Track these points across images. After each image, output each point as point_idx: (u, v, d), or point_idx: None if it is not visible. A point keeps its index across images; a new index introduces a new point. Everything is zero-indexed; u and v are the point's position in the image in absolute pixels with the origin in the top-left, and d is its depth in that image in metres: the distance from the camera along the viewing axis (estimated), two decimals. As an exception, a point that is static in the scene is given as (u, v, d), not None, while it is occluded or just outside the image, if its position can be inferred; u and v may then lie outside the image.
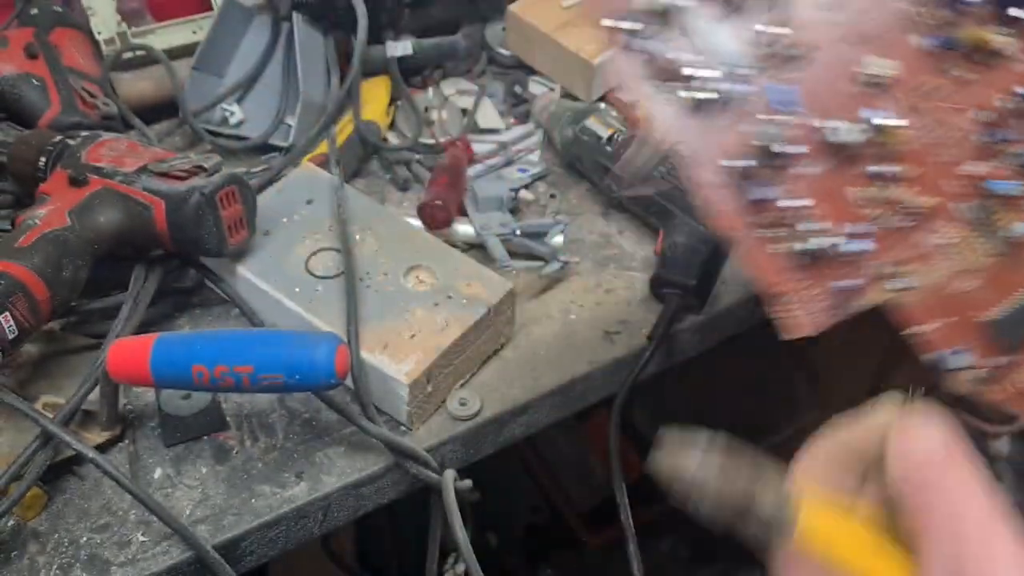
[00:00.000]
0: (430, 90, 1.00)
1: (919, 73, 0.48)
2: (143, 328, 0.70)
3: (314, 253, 0.74)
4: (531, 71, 1.02)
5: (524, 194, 0.89)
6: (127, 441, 0.66)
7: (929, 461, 0.35)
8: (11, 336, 0.61)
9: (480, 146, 0.93)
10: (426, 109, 0.96)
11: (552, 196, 0.89)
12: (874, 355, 1.23)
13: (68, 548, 0.60)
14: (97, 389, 0.64)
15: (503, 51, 1.04)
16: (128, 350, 0.60)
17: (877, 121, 0.46)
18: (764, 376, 1.31)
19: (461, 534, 0.63)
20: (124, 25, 0.98)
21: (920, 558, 0.34)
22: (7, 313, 0.60)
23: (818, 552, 0.36)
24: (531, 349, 0.74)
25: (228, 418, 0.68)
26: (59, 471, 0.64)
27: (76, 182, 0.70)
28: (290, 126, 0.91)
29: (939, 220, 0.47)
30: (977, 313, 0.47)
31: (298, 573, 1.12)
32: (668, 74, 0.44)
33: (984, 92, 0.48)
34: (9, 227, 0.77)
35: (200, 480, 0.64)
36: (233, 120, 0.94)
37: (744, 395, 1.30)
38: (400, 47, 0.96)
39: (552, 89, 1.00)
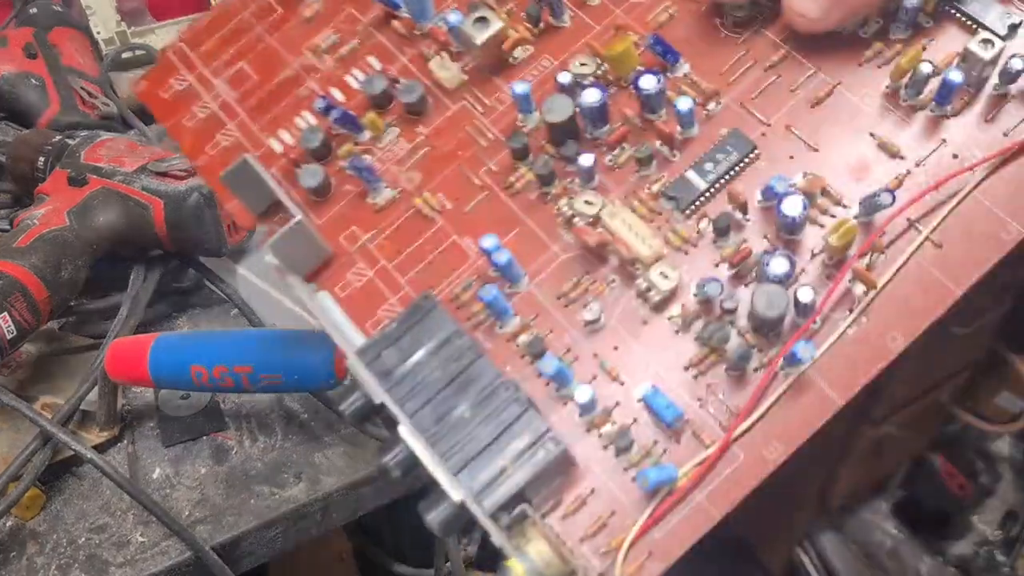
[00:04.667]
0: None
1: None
2: (142, 328, 0.70)
3: (313, 253, 0.74)
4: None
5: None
6: (126, 441, 0.66)
7: None
8: (10, 336, 0.61)
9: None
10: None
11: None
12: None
13: (67, 548, 0.60)
14: (96, 389, 0.64)
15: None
16: (127, 350, 0.60)
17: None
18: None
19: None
20: (123, 24, 0.98)
21: None
22: (6, 313, 0.60)
23: None
24: (531, 349, 0.74)
25: (227, 418, 0.68)
26: (58, 471, 0.64)
27: (75, 182, 0.70)
28: (289, 126, 0.90)
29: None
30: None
31: (297, 574, 1.12)
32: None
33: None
34: (8, 227, 0.77)
35: (199, 480, 0.64)
36: (232, 120, 0.93)
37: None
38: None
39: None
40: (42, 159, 0.75)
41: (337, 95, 0.50)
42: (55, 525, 0.62)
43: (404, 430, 0.38)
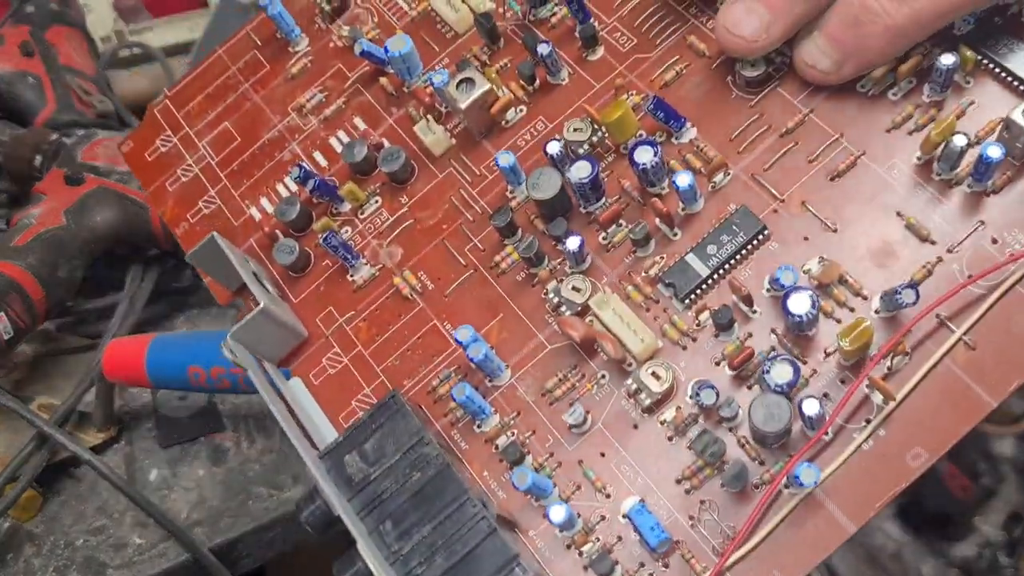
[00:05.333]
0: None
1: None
2: (139, 328, 0.70)
3: (312, 252, 0.73)
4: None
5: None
6: (123, 442, 0.66)
7: None
8: (6, 337, 0.60)
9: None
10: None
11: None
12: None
13: (64, 550, 0.60)
14: (93, 390, 0.64)
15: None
16: (124, 351, 0.59)
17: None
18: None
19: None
20: (120, 22, 0.97)
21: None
22: (2, 314, 0.60)
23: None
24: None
25: (225, 419, 0.67)
26: (55, 473, 0.63)
27: (72, 181, 0.70)
28: (288, 124, 0.90)
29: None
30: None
31: (295, 575, 1.11)
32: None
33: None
34: (4, 226, 0.77)
35: (196, 482, 0.64)
36: (231, 118, 0.93)
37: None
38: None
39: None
40: (39, 158, 0.74)
41: (320, 159, 0.47)
42: (52, 527, 0.61)
43: (362, 547, 0.35)
